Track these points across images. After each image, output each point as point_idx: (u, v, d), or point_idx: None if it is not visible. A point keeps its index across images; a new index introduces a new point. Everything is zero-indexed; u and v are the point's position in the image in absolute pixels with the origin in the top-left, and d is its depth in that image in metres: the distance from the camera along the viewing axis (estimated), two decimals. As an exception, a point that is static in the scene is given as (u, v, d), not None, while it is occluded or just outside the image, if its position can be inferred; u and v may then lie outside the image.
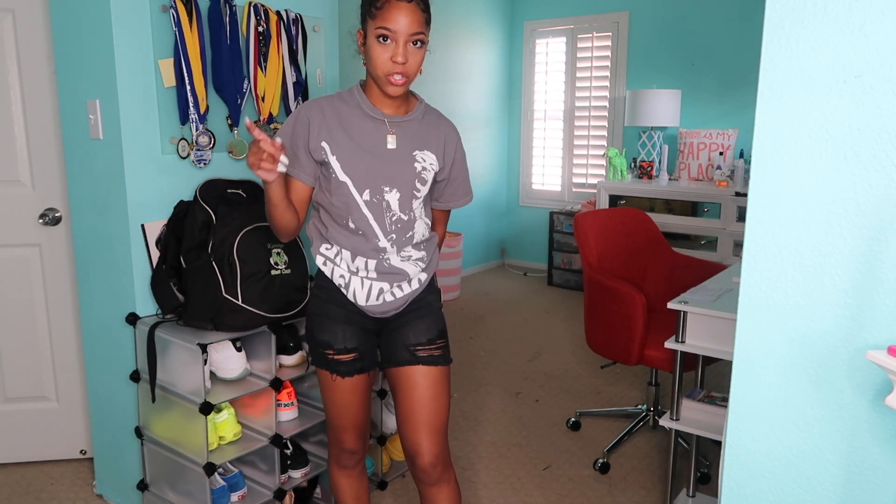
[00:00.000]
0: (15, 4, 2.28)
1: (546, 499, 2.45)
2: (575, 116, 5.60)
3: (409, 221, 1.62)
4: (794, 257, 1.05)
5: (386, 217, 1.59)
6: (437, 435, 1.67)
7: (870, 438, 1.03)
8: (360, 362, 1.68)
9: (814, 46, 0.99)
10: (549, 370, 3.66)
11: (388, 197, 1.58)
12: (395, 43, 1.47)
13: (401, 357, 1.67)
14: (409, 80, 1.52)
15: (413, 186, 1.61)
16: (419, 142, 1.62)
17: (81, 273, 2.23)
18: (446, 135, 1.68)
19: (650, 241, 3.06)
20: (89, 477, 2.52)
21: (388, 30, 1.46)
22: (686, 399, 2.16)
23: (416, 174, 1.61)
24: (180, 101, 2.01)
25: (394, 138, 1.59)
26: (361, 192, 1.57)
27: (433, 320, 1.70)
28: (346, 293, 1.64)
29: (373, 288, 1.63)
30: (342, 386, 1.68)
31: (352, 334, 1.67)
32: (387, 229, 1.60)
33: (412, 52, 1.50)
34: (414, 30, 1.47)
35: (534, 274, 5.82)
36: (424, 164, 1.62)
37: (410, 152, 1.60)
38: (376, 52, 1.49)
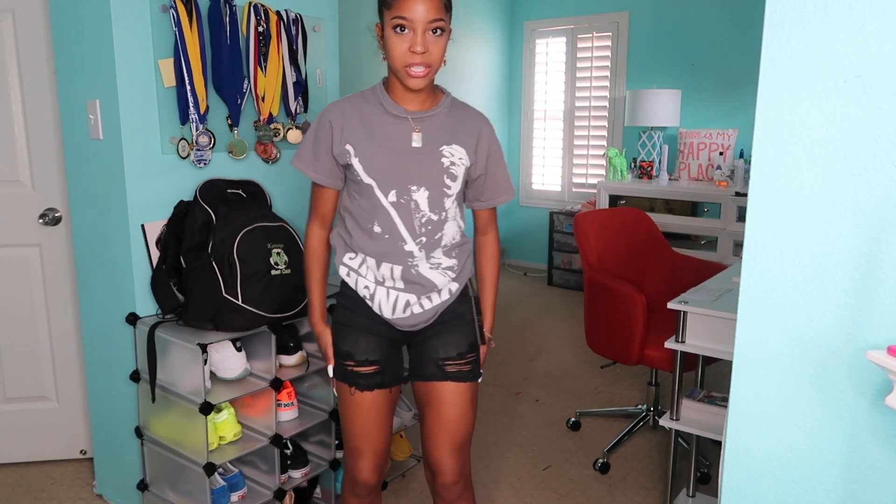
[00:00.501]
0: (15, 4, 2.28)
1: (546, 499, 2.45)
2: (575, 116, 5.60)
3: (440, 222, 1.54)
4: (794, 257, 1.05)
5: (415, 218, 1.52)
6: (461, 452, 1.63)
7: (870, 438, 1.03)
8: (380, 376, 1.59)
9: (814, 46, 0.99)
10: (549, 370, 3.66)
11: (416, 196, 1.51)
12: (412, 32, 1.39)
13: (429, 371, 1.60)
14: (431, 70, 1.44)
15: (442, 183, 1.52)
16: (446, 136, 1.53)
17: (81, 273, 2.23)
18: (479, 128, 1.58)
19: (650, 241, 3.06)
20: (89, 477, 2.52)
21: (405, 18, 1.38)
22: (686, 399, 2.16)
23: (445, 169, 1.52)
24: (180, 101, 2.01)
25: (419, 136, 1.50)
26: (387, 193, 1.50)
27: (464, 333, 1.62)
28: (372, 305, 1.58)
29: (399, 300, 1.56)
30: (360, 401, 1.59)
31: (375, 346, 1.59)
32: (416, 231, 1.52)
33: (432, 40, 1.41)
34: (432, 16, 1.39)
35: (534, 274, 5.82)
36: (453, 158, 1.53)
37: (437, 147, 1.51)
38: (393, 44, 1.41)
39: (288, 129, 2.29)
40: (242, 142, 2.17)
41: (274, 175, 2.30)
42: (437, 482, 1.65)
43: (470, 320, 1.64)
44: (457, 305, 1.62)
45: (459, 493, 1.66)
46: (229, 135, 2.16)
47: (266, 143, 2.24)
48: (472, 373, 1.62)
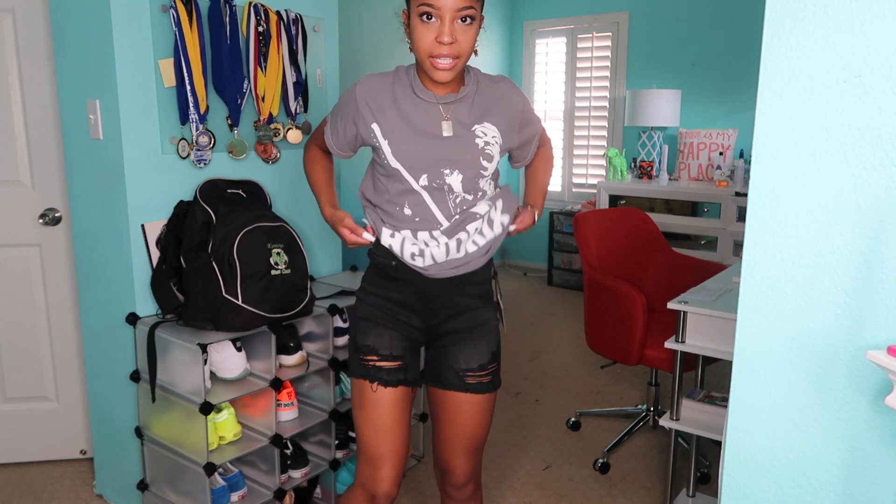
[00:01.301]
0: (15, 4, 2.28)
1: (546, 499, 2.45)
2: (575, 116, 5.60)
3: (473, 201, 1.48)
4: (794, 257, 1.05)
5: (449, 200, 1.45)
6: (474, 455, 1.60)
7: (870, 438, 1.03)
8: (403, 372, 1.52)
9: (814, 46, 0.99)
10: (549, 370, 3.66)
11: (449, 180, 1.44)
12: (440, 21, 1.32)
13: (448, 381, 1.55)
14: (459, 62, 1.36)
15: (479, 165, 1.45)
16: (477, 115, 1.45)
17: (81, 273, 2.23)
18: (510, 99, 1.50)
19: (650, 241, 3.06)
20: (89, 477, 2.52)
21: (432, 6, 1.30)
22: (686, 399, 2.16)
23: (480, 150, 1.44)
24: (180, 101, 2.01)
25: (449, 125, 1.43)
26: (418, 177, 1.43)
27: (487, 342, 1.56)
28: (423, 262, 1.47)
29: (450, 245, 1.47)
30: (382, 399, 1.49)
31: (399, 342, 1.53)
32: (450, 212, 1.46)
33: (461, 29, 1.33)
34: (462, 4, 1.30)
35: (534, 274, 5.82)
36: (486, 137, 1.45)
37: (470, 128, 1.44)
38: (419, 33, 1.34)
39: (288, 129, 2.29)
40: (242, 142, 2.17)
41: (274, 175, 2.30)
42: (448, 482, 1.63)
43: (494, 328, 1.58)
44: (483, 309, 1.56)
45: (470, 495, 1.63)
46: (229, 135, 2.16)
47: (266, 143, 2.24)
48: (493, 383, 1.57)
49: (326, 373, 2.17)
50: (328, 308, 2.14)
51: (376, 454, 1.51)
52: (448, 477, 1.62)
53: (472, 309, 1.55)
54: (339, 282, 2.45)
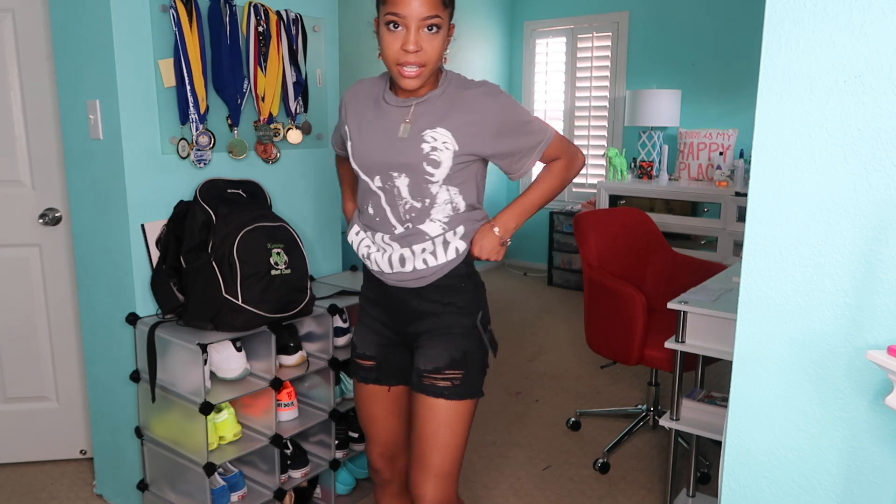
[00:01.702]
0: (15, 4, 2.28)
1: (546, 499, 2.45)
2: (575, 116, 5.60)
3: (425, 209, 1.48)
4: (794, 257, 1.05)
5: (399, 205, 1.49)
6: (437, 481, 1.52)
7: (870, 438, 1.03)
8: (376, 372, 1.62)
9: (814, 46, 0.99)
10: (549, 370, 3.66)
11: (397, 183, 1.47)
12: (405, 29, 1.35)
13: (414, 381, 1.55)
14: (425, 70, 1.38)
15: (423, 170, 1.44)
16: (433, 120, 1.44)
17: (81, 273, 2.23)
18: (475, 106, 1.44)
19: (650, 241, 3.06)
20: (89, 477, 2.52)
21: (397, 15, 1.33)
22: (686, 399, 2.16)
23: (424, 156, 1.44)
24: (180, 101, 2.01)
25: (408, 127, 1.45)
26: (372, 179, 1.50)
27: (446, 346, 1.52)
28: (371, 264, 1.56)
29: (394, 256, 1.51)
30: (360, 391, 1.68)
31: (372, 342, 1.62)
32: (401, 218, 1.50)
33: (426, 38, 1.35)
34: (426, 13, 1.33)
35: (534, 274, 5.82)
36: (435, 143, 1.43)
37: (419, 133, 1.44)
38: (386, 41, 1.37)
39: (288, 129, 2.29)
40: (242, 142, 2.17)
41: (274, 175, 2.30)
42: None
43: (458, 334, 1.53)
44: (447, 315, 1.53)
45: None
46: (229, 135, 2.16)
47: (266, 143, 2.24)
48: (451, 390, 1.50)
49: (326, 373, 2.17)
50: (328, 308, 2.14)
51: (366, 434, 1.73)
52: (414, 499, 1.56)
53: (433, 314, 1.54)
54: (339, 282, 2.45)
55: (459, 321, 1.54)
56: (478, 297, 1.57)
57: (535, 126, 1.51)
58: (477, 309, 1.56)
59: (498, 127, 1.46)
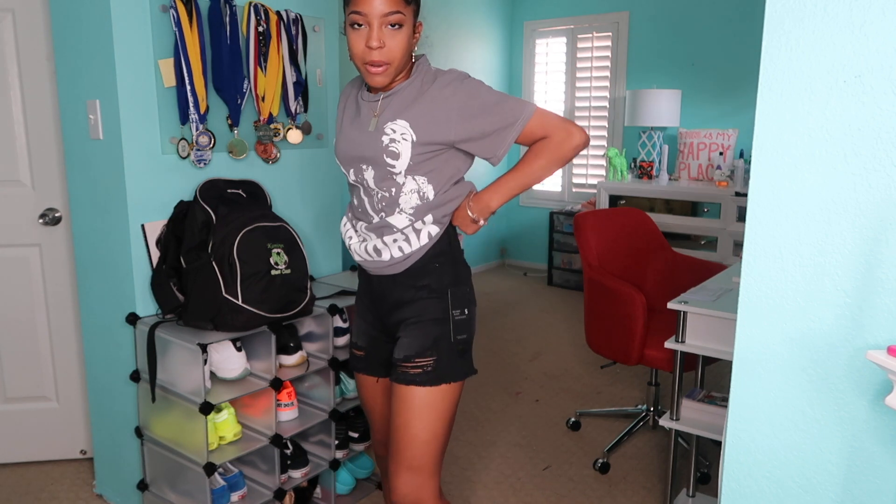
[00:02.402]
0: (15, 4, 2.28)
1: (546, 499, 2.45)
2: (575, 116, 5.60)
3: (392, 198, 1.50)
4: (794, 257, 1.05)
5: (372, 195, 1.54)
6: (409, 473, 1.49)
7: (870, 438, 1.03)
8: (364, 362, 1.72)
9: (814, 46, 0.99)
10: (549, 370, 3.66)
11: (366, 175, 1.52)
12: (368, 27, 1.37)
13: (391, 370, 1.57)
14: (391, 67, 1.40)
15: (384, 162, 1.46)
16: (394, 112, 1.46)
17: (81, 273, 2.23)
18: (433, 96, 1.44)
19: (650, 241, 3.06)
20: (89, 477, 2.52)
21: (359, 13, 1.36)
22: (686, 399, 2.16)
23: (384, 148, 1.45)
24: (180, 101, 2.01)
25: (375, 121, 1.48)
26: (348, 171, 1.57)
27: (416, 334, 1.52)
28: (353, 255, 1.64)
29: (368, 246, 1.56)
30: (356, 380, 1.78)
31: (362, 332, 1.70)
32: (375, 207, 1.54)
33: (389, 35, 1.37)
34: (387, 9, 1.35)
35: (534, 274, 5.82)
36: (394, 135, 1.45)
37: (382, 125, 1.47)
38: (352, 40, 1.40)
39: (288, 129, 2.29)
40: (242, 142, 2.17)
41: (274, 175, 2.30)
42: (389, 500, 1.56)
43: (430, 320, 1.51)
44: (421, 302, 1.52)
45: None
46: (229, 135, 2.16)
47: (266, 143, 2.24)
48: (423, 377, 1.49)
49: (326, 373, 2.17)
50: (328, 308, 2.14)
51: (368, 420, 1.82)
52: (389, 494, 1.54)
53: (409, 302, 1.55)
54: (339, 282, 2.45)
55: (431, 306, 1.52)
56: (454, 274, 1.55)
57: (508, 105, 1.45)
58: (447, 287, 1.53)
59: (459, 111, 1.43)
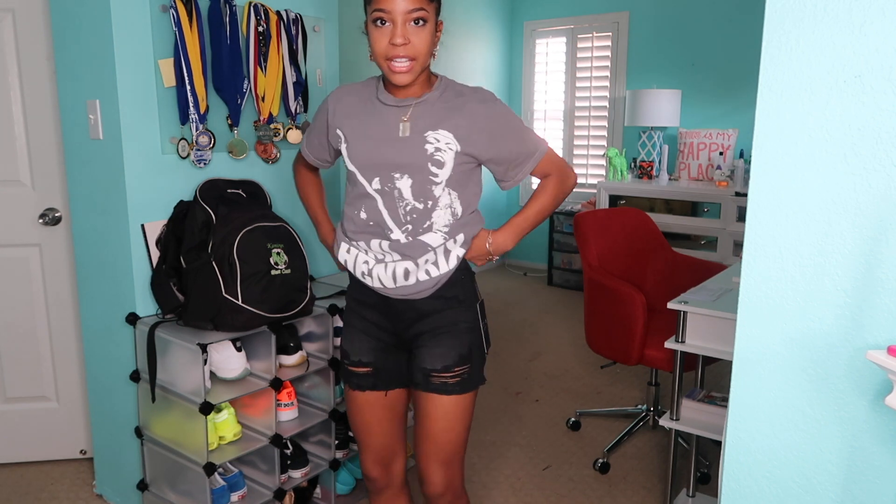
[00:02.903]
0: (15, 4, 2.28)
1: (546, 499, 2.45)
2: (575, 116, 5.60)
3: (426, 210, 1.48)
4: (794, 257, 1.05)
5: (399, 206, 1.47)
6: (446, 467, 1.59)
7: (870, 438, 1.03)
8: (373, 378, 1.61)
9: (814, 46, 0.99)
10: (549, 370, 3.66)
11: (399, 184, 1.46)
12: (392, 24, 1.37)
13: (417, 380, 1.57)
14: (415, 63, 1.39)
15: (427, 170, 1.46)
16: (433, 121, 1.46)
17: (81, 273, 2.23)
18: (472, 109, 1.47)
19: (650, 241, 3.06)
20: (89, 477, 2.52)
21: (383, 10, 1.36)
22: (686, 399, 2.16)
23: (429, 156, 1.45)
24: (180, 101, 2.01)
25: (407, 125, 1.46)
26: (371, 180, 1.48)
27: (453, 344, 1.54)
28: (372, 281, 1.53)
29: (398, 269, 1.50)
30: (355, 399, 1.63)
31: (368, 348, 1.60)
32: (400, 220, 1.48)
33: (413, 31, 1.37)
34: (411, 6, 1.35)
35: (534, 274, 5.82)
36: (438, 144, 1.45)
37: (422, 134, 1.46)
38: (375, 38, 1.39)
39: (288, 129, 2.29)
40: (242, 142, 2.17)
41: (274, 175, 2.30)
42: (423, 491, 1.64)
43: (463, 329, 1.55)
44: (451, 306, 1.54)
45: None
46: (229, 135, 2.16)
47: (266, 143, 2.24)
48: (460, 385, 1.54)
49: (326, 373, 2.17)
50: (328, 308, 2.14)
51: (360, 443, 1.70)
52: (423, 485, 1.63)
53: (437, 311, 1.55)
54: (339, 282, 2.45)
55: (463, 316, 1.56)
56: (474, 284, 1.62)
57: (530, 136, 1.55)
58: (475, 297, 1.59)
59: (492, 130, 1.49)
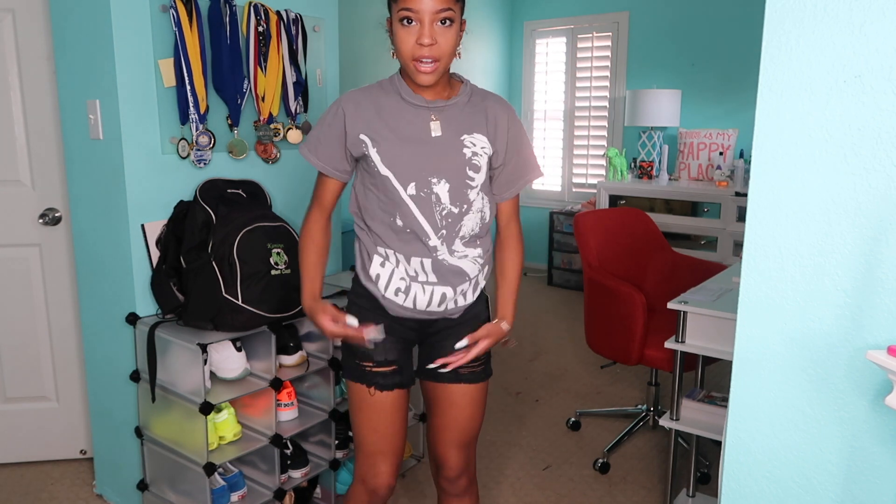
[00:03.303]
0: (15, 4, 2.28)
1: (546, 499, 2.45)
2: (575, 116, 5.60)
3: (460, 214, 1.48)
4: (794, 257, 1.05)
5: (436, 212, 1.46)
6: (467, 449, 1.63)
7: (870, 438, 1.03)
8: (399, 376, 1.55)
9: (814, 46, 0.99)
10: (549, 370, 3.66)
11: (436, 189, 1.45)
12: (419, 24, 1.35)
13: (442, 374, 1.56)
14: (440, 64, 1.38)
15: (465, 175, 1.47)
16: (467, 125, 1.47)
17: (81, 273, 2.23)
18: (496, 114, 1.51)
19: (650, 241, 3.06)
20: (89, 477, 2.52)
21: (411, 10, 1.34)
22: (686, 399, 2.16)
23: (467, 161, 1.47)
24: (180, 101, 2.01)
25: (438, 124, 1.45)
26: (406, 185, 1.44)
27: None
28: (405, 300, 1.51)
29: (435, 293, 1.51)
30: (380, 402, 1.54)
31: (391, 346, 1.54)
32: (437, 225, 1.47)
33: (440, 31, 1.36)
34: (440, 6, 1.34)
35: (534, 274, 5.82)
36: (475, 148, 1.47)
37: (458, 137, 1.46)
38: (401, 37, 1.37)
39: (288, 129, 2.29)
40: (242, 142, 2.17)
41: (274, 175, 2.30)
42: (442, 475, 1.66)
43: (485, 320, 1.61)
44: (474, 305, 1.59)
45: (464, 489, 1.66)
46: (229, 135, 2.16)
47: (266, 143, 2.24)
48: (485, 373, 1.61)
49: (326, 373, 2.17)
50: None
51: (375, 451, 1.57)
52: (442, 470, 1.65)
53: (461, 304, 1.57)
54: (339, 282, 2.45)
55: (484, 308, 1.63)
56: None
57: (533, 154, 1.61)
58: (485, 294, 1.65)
59: (510, 140, 1.53)
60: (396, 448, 1.58)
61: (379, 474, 1.57)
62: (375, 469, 1.57)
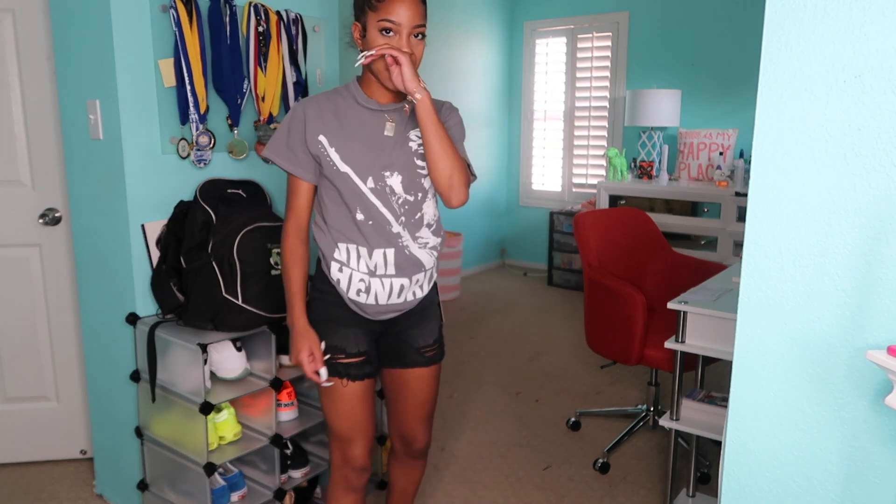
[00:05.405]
0: (15, 4, 2.28)
1: (546, 499, 2.45)
2: (575, 116, 5.60)
3: (418, 202, 1.61)
4: (794, 257, 1.05)
5: (392, 201, 1.58)
6: (427, 423, 1.83)
7: (870, 438, 1.03)
8: (368, 366, 1.68)
9: (814, 46, 0.99)
10: (549, 370, 3.66)
11: (390, 182, 1.57)
12: (398, 35, 1.47)
13: (410, 359, 1.73)
14: None
15: (415, 165, 1.60)
16: (413, 122, 1.60)
17: (81, 273, 2.23)
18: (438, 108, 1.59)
19: (650, 241, 3.06)
20: (89, 477, 2.52)
21: (392, 22, 1.45)
22: (686, 399, 2.16)
23: (414, 152, 1.59)
24: (180, 101, 2.01)
25: (392, 126, 1.58)
26: (365, 180, 1.56)
27: (435, 319, 1.77)
28: (366, 298, 1.62)
29: (394, 285, 1.62)
30: (353, 392, 1.66)
31: (361, 338, 1.67)
32: (396, 213, 1.59)
33: (415, 43, 1.50)
34: (417, 22, 1.48)
35: (534, 274, 5.82)
36: (420, 141, 1.58)
37: (406, 133, 1.60)
38: (379, 44, 1.48)
39: (288, 129, 2.29)
40: (242, 142, 2.17)
41: (274, 175, 2.30)
42: (411, 449, 1.84)
43: (438, 304, 1.79)
44: (431, 293, 1.74)
45: (424, 453, 1.88)
46: (229, 135, 2.16)
47: (266, 143, 2.24)
48: (441, 353, 1.80)
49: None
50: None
51: (349, 437, 1.70)
52: (412, 444, 1.83)
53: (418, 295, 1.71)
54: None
55: (433, 299, 1.77)
56: None
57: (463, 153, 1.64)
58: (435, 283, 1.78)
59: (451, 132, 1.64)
60: (368, 431, 1.72)
61: (356, 457, 1.71)
62: (351, 453, 1.71)
